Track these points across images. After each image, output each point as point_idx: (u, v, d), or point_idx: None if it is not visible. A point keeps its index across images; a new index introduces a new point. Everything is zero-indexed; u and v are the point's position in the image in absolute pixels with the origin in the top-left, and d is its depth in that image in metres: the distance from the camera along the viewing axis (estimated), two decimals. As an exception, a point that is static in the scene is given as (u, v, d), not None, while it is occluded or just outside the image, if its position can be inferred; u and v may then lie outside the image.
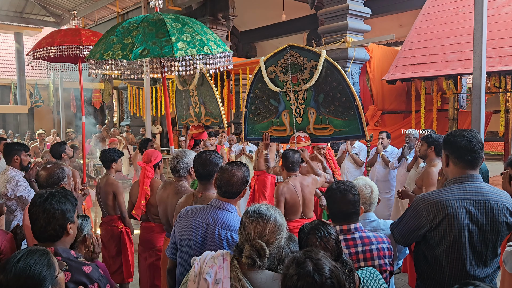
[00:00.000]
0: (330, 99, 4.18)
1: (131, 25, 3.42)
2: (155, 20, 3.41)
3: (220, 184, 2.29)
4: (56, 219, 1.92)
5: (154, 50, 3.20)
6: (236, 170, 2.28)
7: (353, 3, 6.84)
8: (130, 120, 14.70)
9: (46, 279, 1.54)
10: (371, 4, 7.36)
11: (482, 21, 4.26)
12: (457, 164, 2.13)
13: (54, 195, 1.97)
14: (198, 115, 6.23)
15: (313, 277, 1.39)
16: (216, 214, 2.24)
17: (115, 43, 3.32)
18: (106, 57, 3.30)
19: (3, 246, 2.64)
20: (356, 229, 2.16)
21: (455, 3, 7.45)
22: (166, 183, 3.28)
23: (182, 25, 3.42)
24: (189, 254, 2.24)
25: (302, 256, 1.47)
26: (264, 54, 4.97)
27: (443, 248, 2.08)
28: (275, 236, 1.74)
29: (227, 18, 10.06)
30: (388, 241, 2.19)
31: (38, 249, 1.62)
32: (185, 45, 3.27)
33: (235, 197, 2.30)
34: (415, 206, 2.17)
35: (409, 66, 7.20)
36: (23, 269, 1.51)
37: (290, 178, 3.90)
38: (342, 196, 2.15)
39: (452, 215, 2.04)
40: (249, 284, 1.70)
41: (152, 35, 3.28)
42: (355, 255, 2.11)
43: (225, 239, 2.16)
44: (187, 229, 2.28)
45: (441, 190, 2.15)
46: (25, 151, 4.19)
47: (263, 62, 4.58)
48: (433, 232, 2.10)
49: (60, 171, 2.84)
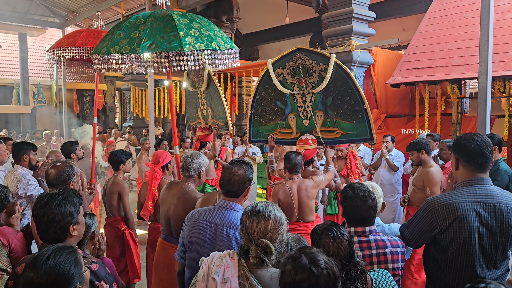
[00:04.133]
0: (339, 102, 4.18)
1: (138, 20, 3.41)
2: (162, 15, 3.40)
3: (222, 183, 2.32)
4: (56, 222, 1.92)
5: (162, 44, 3.18)
6: (237, 169, 2.29)
7: (358, 6, 6.86)
8: (132, 121, 14.72)
9: (75, 277, 1.55)
10: (374, 8, 7.38)
11: (488, 26, 4.28)
12: (467, 167, 2.16)
13: (54, 198, 1.96)
14: (206, 117, 6.24)
15: (310, 269, 1.44)
16: (223, 214, 2.26)
17: (122, 38, 3.31)
18: (113, 52, 3.27)
19: (14, 245, 2.67)
20: (371, 231, 2.18)
21: (459, 7, 7.48)
22: (172, 184, 3.26)
23: (190, 21, 3.42)
24: (198, 255, 2.25)
25: (296, 252, 1.53)
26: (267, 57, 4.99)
27: (453, 250, 2.10)
28: (277, 232, 1.78)
29: (231, 20, 10.11)
30: (402, 245, 2.21)
31: (65, 247, 1.62)
32: (193, 40, 3.25)
33: (239, 196, 2.31)
34: (426, 208, 2.19)
35: (413, 70, 7.22)
36: (53, 267, 1.51)
37: (288, 181, 3.91)
38: (362, 203, 2.16)
39: (462, 218, 2.06)
40: (256, 282, 1.73)
41: (160, 30, 3.26)
42: (368, 257, 2.12)
43: (234, 238, 2.19)
44: (195, 231, 2.30)
45: (451, 192, 2.17)
46: (34, 150, 4.23)
47: (271, 64, 4.59)
48: (443, 234, 2.12)
49: (69, 169, 2.86)
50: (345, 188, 2.29)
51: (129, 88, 14.01)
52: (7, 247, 2.63)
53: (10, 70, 17.30)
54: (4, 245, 2.62)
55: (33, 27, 14.70)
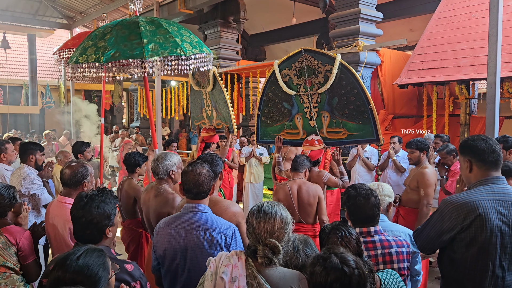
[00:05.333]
0: (344, 103, 4.18)
1: (107, 28, 3.49)
2: (129, 23, 3.47)
3: (188, 188, 2.28)
4: (93, 224, 1.94)
5: (124, 52, 3.26)
6: (200, 169, 2.28)
7: (365, 7, 6.84)
8: (139, 122, 14.79)
9: (101, 280, 1.55)
10: (382, 8, 7.35)
11: (497, 26, 4.24)
12: (482, 167, 2.14)
13: (94, 199, 1.98)
14: (210, 118, 6.26)
15: (342, 269, 1.45)
16: (190, 218, 2.26)
17: (90, 47, 3.39)
18: (81, 61, 3.34)
19: (21, 243, 2.70)
20: (376, 232, 2.17)
21: (467, 8, 7.42)
22: (148, 186, 3.30)
23: (156, 27, 3.48)
24: (173, 263, 2.26)
25: (326, 252, 1.53)
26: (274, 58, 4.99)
27: (473, 250, 2.06)
28: (284, 231, 1.79)
29: (238, 21, 10.09)
30: (407, 245, 2.19)
31: (96, 249, 1.63)
32: (157, 47, 3.32)
33: (207, 196, 2.31)
34: (443, 209, 2.15)
35: (421, 70, 7.18)
36: (82, 268, 1.52)
37: (289, 181, 3.93)
38: (366, 201, 2.16)
39: (483, 216, 2.02)
40: (264, 281, 1.74)
41: (124, 38, 3.34)
42: (374, 258, 2.11)
43: (205, 240, 2.18)
44: (165, 241, 2.29)
45: (469, 191, 2.14)
46: (40, 150, 4.26)
47: (277, 65, 4.60)
48: (463, 234, 2.07)
49: (83, 169, 2.88)
50: (347, 188, 2.31)
51: (136, 89, 14.08)
52: (14, 245, 2.66)
53: (19, 70, 17.50)
54: (12, 243, 2.65)
55: (41, 28, 14.84)
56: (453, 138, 6.79)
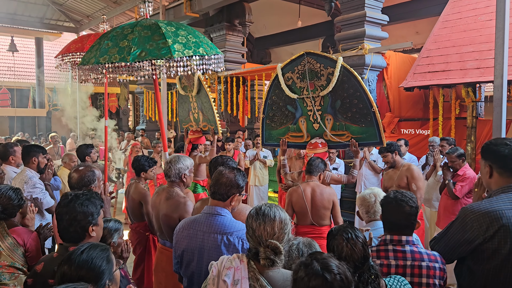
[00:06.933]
0: (347, 106, 4.18)
1: (125, 29, 3.49)
2: (149, 24, 3.49)
3: (211, 184, 2.34)
4: (77, 221, 1.96)
5: (152, 51, 3.27)
6: (227, 172, 2.31)
7: (371, 10, 6.83)
8: (145, 124, 14.85)
9: (105, 273, 1.60)
10: (387, 11, 7.33)
11: (503, 28, 4.22)
12: (503, 174, 2.05)
13: (78, 197, 2.01)
14: (197, 120, 6.45)
15: (323, 275, 1.43)
16: (209, 220, 2.27)
17: (111, 47, 3.38)
18: (103, 61, 3.34)
19: (29, 245, 2.72)
20: (408, 242, 2.11)
21: (474, 10, 7.39)
22: (159, 189, 3.31)
23: (176, 29, 3.51)
24: (191, 263, 2.28)
25: (308, 259, 1.52)
26: (279, 61, 5.01)
27: (496, 262, 1.95)
28: (284, 232, 1.82)
29: (244, 24, 10.12)
30: (442, 261, 2.10)
31: (99, 244, 1.69)
32: (181, 47, 3.34)
33: (225, 200, 2.31)
34: (463, 218, 2.04)
35: (427, 73, 7.15)
36: (85, 261, 1.57)
37: (303, 183, 3.94)
38: (397, 208, 2.12)
39: (507, 226, 1.91)
40: (267, 283, 1.75)
41: (148, 38, 3.35)
42: (402, 268, 2.06)
43: (222, 243, 2.19)
44: (184, 241, 2.32)
45: (491, 199, 2.03)
46: (43, 153, 4.24)
47: (280, 69, 4.61)
48: (485, 245, 1.96)
49: (91, 174, 2.90)
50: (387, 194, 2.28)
51: (142, 92, 14.15)
52: (22, 246, 2.68)
53: (26, 73, 17.65)
54: (20, 244, 2.67)
55: (49, 32, 14.99)
56: (460, 141, 6.75)
